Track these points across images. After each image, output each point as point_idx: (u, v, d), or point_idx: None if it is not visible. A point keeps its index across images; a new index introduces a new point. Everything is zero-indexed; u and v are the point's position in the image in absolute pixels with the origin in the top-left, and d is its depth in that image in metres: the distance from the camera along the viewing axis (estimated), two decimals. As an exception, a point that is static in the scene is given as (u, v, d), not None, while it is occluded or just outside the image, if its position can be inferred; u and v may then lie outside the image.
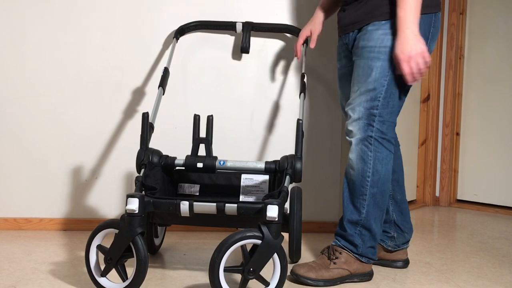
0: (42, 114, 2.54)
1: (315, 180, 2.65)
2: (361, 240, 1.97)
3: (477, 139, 3.40)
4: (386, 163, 1.96)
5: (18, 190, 2.57)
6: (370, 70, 1.91)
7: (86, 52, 2.54)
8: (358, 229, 1.97)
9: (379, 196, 1.96)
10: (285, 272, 1.70)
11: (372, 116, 1.92)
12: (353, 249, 1.97)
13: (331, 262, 1.96)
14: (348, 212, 1.98)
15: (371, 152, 1.93)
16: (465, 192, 3.47)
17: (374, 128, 1.92)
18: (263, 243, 1.67)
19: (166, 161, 2.05)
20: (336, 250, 1.98)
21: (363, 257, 1.98)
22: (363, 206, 1.96)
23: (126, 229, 1.71)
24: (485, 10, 3.34)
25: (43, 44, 2.52)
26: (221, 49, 2.58)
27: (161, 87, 2.18)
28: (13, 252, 2.24)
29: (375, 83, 1.91)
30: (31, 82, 2.53)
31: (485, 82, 3.36)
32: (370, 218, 1.96)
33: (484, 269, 2.18)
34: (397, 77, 1.91)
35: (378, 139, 1.93)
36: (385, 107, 1.93)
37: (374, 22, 1.92)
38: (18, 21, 2.51)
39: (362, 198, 1.95)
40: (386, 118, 1.94)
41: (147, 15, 2.54)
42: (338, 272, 1.95)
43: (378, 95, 1.91)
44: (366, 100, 1.92)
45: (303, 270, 1.94)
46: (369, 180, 1.94)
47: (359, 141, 1.94)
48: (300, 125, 1.94)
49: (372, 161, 1.94)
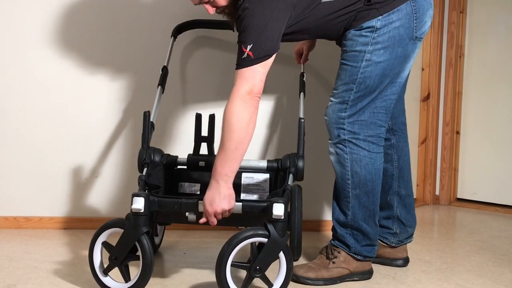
0: (42, 113, 2.54)
1: (315, 179, 2.65)
2: (354, 239, 1.97)
3: (477, 138, 3.40)
4: (366, 163, 1.92)
5: (18, 189, 2.57)
6: (341, 71, 1.90)
7: (86, 51, 2.54)
8: (348, 230, 1.97)
9: (364, 196, 1.94)
10: (290, 273, 1.70)
11: (341, 120, 1.90)
12: (345, 249, 1.97)
13: (330, 262, 1.96)
14: (336, 213, 1.99)
15: (347, 155, 1.91)
16: (465, 191, 3.47)
17: (345, 130, 1.90)
18: (269, 241, 1.67)
19: (168, 160, 2.05)
20: (335, 249, 1.98)
21: (359, 256, 1.97)
22: (348, 208, 1.95)
23: (131, 228, 1.71)
24: (485, 8, 3.34)
25: (43, 43, 2.52)
26: (220, 47, 2.58)
27: (161, 86, 2.18)
28: (13, 250, 2.24)
29: (344, 86, 1.89)
30: (31, 81, 2.53)
31: (485, 81, 3.36)
32: (357, 219, 1.95)
33: (484, 267, 2.18)
34: (366, 78, 1.86)
35: (352, 140, 1.90)
36: (353, 107, 1.89)
37: (350, 30, 1.88)
38: (18, 20, 2.51)
39: (346, 200, 1.95)
40: (355, 118, 1.90)
41: (146, 14, 2.54)
42: (337, 272, 1.96)
43: (346, 99, 1.89)
44: (336, 103, 1.91)
45: (302, 270, 1.94)
46: (350, 183, 1.93)
47: (333, 144, 1.94)
48: (301, 124, 1.94)
49: (350, 164, 1.92)
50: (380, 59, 1.85)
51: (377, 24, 1.83)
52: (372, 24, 1.83)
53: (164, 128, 2.53)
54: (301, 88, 2.16)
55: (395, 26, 1.84)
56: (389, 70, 1.88)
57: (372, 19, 1.84)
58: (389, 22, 1.83)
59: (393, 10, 1.83)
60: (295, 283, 1.93)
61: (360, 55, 1.85)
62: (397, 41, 1.85)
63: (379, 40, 1.84)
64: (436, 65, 3.39)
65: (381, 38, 1.84)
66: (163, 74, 2.21)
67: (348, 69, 1.88)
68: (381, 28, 1.83)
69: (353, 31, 1.86)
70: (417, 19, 1.87)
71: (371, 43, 1.84)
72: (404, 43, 1.86)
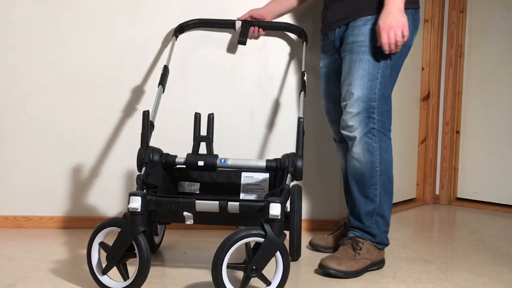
0: (42, 112, 2.54)
1: (315, 178, 2.65)
2: (377, 228, 2.06)
3: (477, 137, 3.40)
4: (390, 151, 2.06)
5: (18, 188, 2.57)
6: (363, 64, 1.97)
7: (86, 50, 2.54)
8: (374, 219, 2.06)
9: (387, 182, 2.06)
10: (287, 271, 1.70)
11: (372, 109, 1.98)
12: (371, 239, 2.06)
13: (356, 253, 2.03)
14: (362, 204, 2.06)
15: (376, 144, 2.01)
16: (465, 190, 3.47)
17: (375, 120, 1.99)
18: (265, 241, 1.67)
19: (167, 159, 2.05)
20: (359, 241, 2.06)
21: (380, 244, 2.09)
22: (375, 195, 2.04)
23: (128, 227, 1.71)
24: (485, 8, 3.34)
25: (43, 43, 2.52)
26: (221, 47, 2.58)
27: (161, 85, 2.18)
28: (13, 250, 2.24)
29: (368, 76, 1.97)
30: (31, 81, 2.53)
31: (485, 80, 3.36)
32: (383, 205, 2.06)
33: (484, 267, 2.18)
34: (387, 68, 1.97)
35: (380, 130, 2.01)
36: (381, 98, 1.99)
37: (361, 18, 1.98)
38: (18, 20, 2.51)
39: (374, 188, 2.04)
40: (383, 109, 2.01)
41: (146, 13, 2.54)
42: (363, 262, 2.03)
43: (373, 88, 1.97)
44: (363, 93, 1.97)
45: (335, 263, 1.98)
46: (378, 170, 2.02)
47: (363, 134, 2.00)
48: (301, 123, 1.94)
49: (378, 151, 2.01)
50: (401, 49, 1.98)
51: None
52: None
53: (165, 127, 2.53)
54: (302, 87, 2.17)
55: None
56: (400, 62, 2.05)
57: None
58: None
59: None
60: (323, 276, 1.99)
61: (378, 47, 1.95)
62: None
63: None
64: (436, 64, 3.39)
65: None
66: (163, 73, 2.21)
67: (371, 60, 1.96)
68: None
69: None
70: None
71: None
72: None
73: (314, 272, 2.04)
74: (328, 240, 2.32)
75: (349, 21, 2.02)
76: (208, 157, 1.97)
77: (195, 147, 1.99)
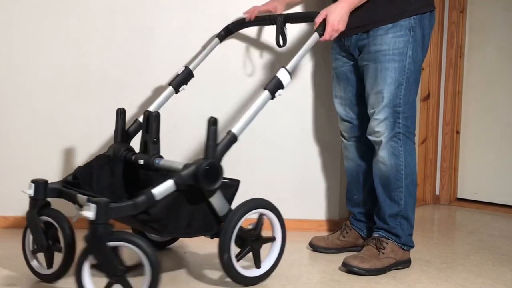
0: (42, 113, 2.54)
1: (315, 178, 2.65)
2: (402, 230, 2.11)
3: (477, 138, 3.40)
4: (414, 154, 2.13)
5: (18, 188, 2.56)
6: (389, 72, 2.04)
7: (86, 50, 2.54)
8: (398, 221, 2.11)
9: (411, 186, 2.13)
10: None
11: (397, 114, 2.06)
12: (396, 240, 2.11)
13: (380, 253, 2.07)
14: (387, 207, 2.12)
15: (401, 147, 2.08)
16: (465, 190, 3.47)
17: (400, 124, 2.07)
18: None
19: (127, 156, 2.06)
20: (383, 241, 2.10)
21: (405, 246, 2.13)
22: (400, 198, 2.11)
23: (28, 212, 1.85)
24: (485, 8, 3.34)
25: (43, 42, 2.52)
26: (221, 47, 2.58)
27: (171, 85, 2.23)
28: (13, 250, 2.24)
29: (395, 83, 2.04)
30: (31, 81, 2.53)
31: (485, 81, 3.36)
32: (407, 208, 2.12)
33: (484, 267, 2.18)
34: (411, 73, 2.05)
35: (406, 134, 2.09)
36: (406, 103, 2.07)
37: (381, 26, 2.04)
38: (18, 19, 2.51)
39: (399, 191, 2.10)
40: (408, 114, 2.08)
41: (147, 14, 2.54)
42: (387, 261, 2.08)
43: (399, 94, 2.05)
44: (390, 100, 2.05)
45: (357, 261, 2.04)
46: (403, 173, 2.09)
47: (388, 138, 2.07)
48: (211, 127, 1.79)
49: (404, 155, 2.08)
50: (419, 55, 2.08)
51: (412, 22, 2.04)
52: (407, 22, 2.04)
53: (165, 126, 2.53)
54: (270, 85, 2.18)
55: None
56: (421, 66, 2.12)
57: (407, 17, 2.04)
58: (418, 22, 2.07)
59: None
60: (348, 274, 2.04)
61: (403, 51, 2.04)
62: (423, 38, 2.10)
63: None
64: (436, 64, 3.39)
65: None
66: (181, 74, 2.26)
67: (396, 67, 2.03)
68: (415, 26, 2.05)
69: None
70: None
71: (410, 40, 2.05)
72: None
73: (339, 270, 2.07)
74: (328, 241, 2.32)
75: (368, 29, 2.07)
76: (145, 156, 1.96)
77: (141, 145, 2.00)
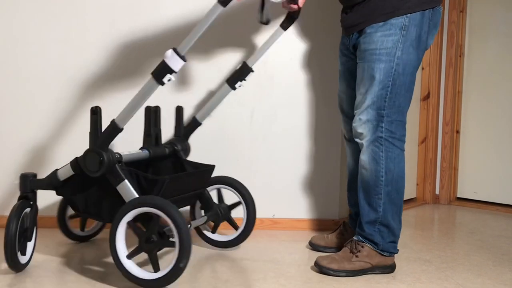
0: (42, 112, 2.54)
1: (315, 177, 2.65)
2: (381, 237, 2.04)
3: (477, 137, 3.40)
4: (399, 161, 2.02)
5: (17, 188, 2.56)
6: (374, 72, 1.96)
7: (85, 50, 2.54)
8: (376, 227, 2.04)
9: (394, 193, 2.03)
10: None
11: (381, 117, 1.98)
12: (373, 246, 2.04)
13: (354, 255, 2.03)
14: (365, 212, 2.05)
15: (383, 153, 1.99)
16: (465, 190, 3.47)
17: (383, 128, 1.98)
18: None
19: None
20: (359, 244, 2.05)
21: (385, 252, 2.06)
22: (379, 205, 2.03)
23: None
24: (485, 8, 3.34)
25: (42, 42, 2.52)
26: (220, 46, 2.58)
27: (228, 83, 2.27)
28: (13, 250, 2.24)
29: (380, 84, 1.96)
30: (30, 80, 2.53)
31: (485, 80, 3.36)
32: (387, 215, 2.03)
33: (484, 267, 2.18)
34: (399, 76, 1.95)
35: (388, 139, 1.99)
36: (392, 107, 1.98)
37: (372, 25, 1.97)
38: (17, 19, 2.51)
39: (378, 197, 2.02)
40: (394, 118, 1.99)
41: (145, 13, 2.54)
42: (360, 265, 2.03)
43: (384, 96, 1.96)
44: (373, 102, 1.97)
45: (326, 261, 2.02)
46: (383, 180, 2.01)
47: (370, 142, 2.00)
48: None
49: (384, 161, 2.00)
50: (410, 56, 1.97)
51: (405, 21, 1.94)
52: (399, 21, 1.94)
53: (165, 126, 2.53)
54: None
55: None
56: (415, 68, 2.00)
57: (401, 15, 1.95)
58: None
59: None
60: (318, 273, 2.02)
61: (391, 52, 1.95)
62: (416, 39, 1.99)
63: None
64: (436, 64, 3.39)
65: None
66: (241, 70, 2.25)
67: (382, 68, 1.95)
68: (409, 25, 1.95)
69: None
70: None
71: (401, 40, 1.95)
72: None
73: (311, 270, 2.07)
74: (328, 240, 2.32)
75: (360, 28, 2.01)
76: None
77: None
